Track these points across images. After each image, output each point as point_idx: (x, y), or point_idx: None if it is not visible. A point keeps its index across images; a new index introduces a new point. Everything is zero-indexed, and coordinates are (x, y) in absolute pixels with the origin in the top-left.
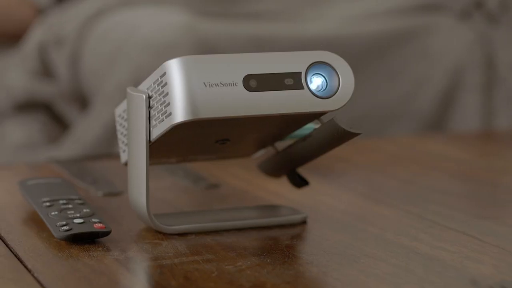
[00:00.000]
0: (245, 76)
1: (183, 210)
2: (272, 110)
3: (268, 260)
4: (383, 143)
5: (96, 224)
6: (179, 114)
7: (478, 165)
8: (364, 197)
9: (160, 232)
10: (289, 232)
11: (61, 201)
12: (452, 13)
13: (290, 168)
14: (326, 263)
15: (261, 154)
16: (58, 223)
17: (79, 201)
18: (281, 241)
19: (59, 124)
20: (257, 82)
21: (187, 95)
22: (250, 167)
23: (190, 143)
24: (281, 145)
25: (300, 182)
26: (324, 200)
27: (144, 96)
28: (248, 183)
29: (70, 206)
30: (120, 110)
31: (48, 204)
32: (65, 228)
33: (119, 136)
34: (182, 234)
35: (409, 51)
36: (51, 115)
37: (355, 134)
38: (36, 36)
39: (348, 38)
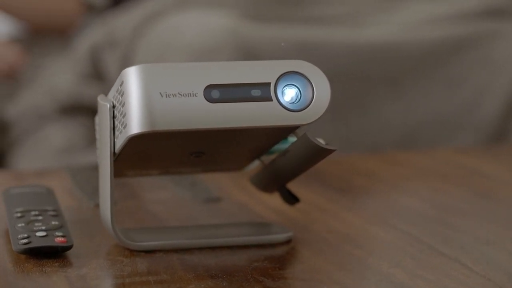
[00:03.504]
0: (207, 86)
1: (166, 225)
2: (236, 123)
3: (224, 284)
4: (416, 157)
5: (58, 238)
6: (134, 126)
7: None
8: (367, 216)
9: (128, 249)
10: (265, 253)
11: (33, 212)
12: None
13: (279, 184)
14: None
15: (253, 167)
16: (19, 236)
17: (52, 213)
18: (251, 262)
19: None
20: (219, 93)
21: (142, 106)
22: None
23: (162, 155)
24: (268, 158)
25: (290, 199)
26: (322, 218)
27: (108, 105)
28: (251, 197)
29: (40, 217)
30: (97, 119)
31: (19, 215)
32: (24, 241)
33: (97, 145)
34: (150, 251)
35: (471, 58)
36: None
37: (330, 151)
38: (90, 38)
39: (406, 44)
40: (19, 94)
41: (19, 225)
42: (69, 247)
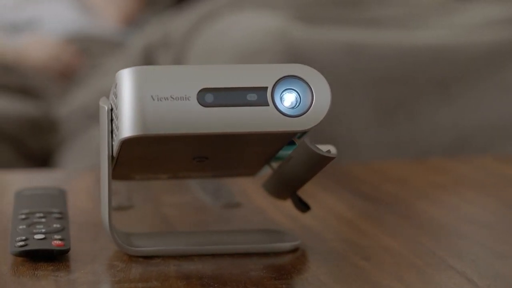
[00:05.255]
0: (200, 90)
1: (176, 230)
2: (230, 128)
3: None
4: (457, 164)
5: (55, 241)
6: (125, 129)
7: None
8: (385, 226)
9: (127, 254)
10: (266, 262)
11: (37, 214)
12: None
13: (288, 190)
14: None
15: (266, 172)
16: (17, 238)
17: (57, 215)
18: (248, 271)
19: None
20: (214, 97)
21: (132, 109)
22: None
23: (165, 159)
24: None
25: (301, 206)
26: (338, 226)
27: (106, 108)
28: (271, 203)
29: (43, 220)
30: None
31: (23, 216)
32: (20, 243)
33: None
34: (149, 257)
35: None
36: None
37: (330, 158)
38: (144, 38)
39: (459, 48)
40: (71, 93)
41: (20, 227)
42: (65, 251)
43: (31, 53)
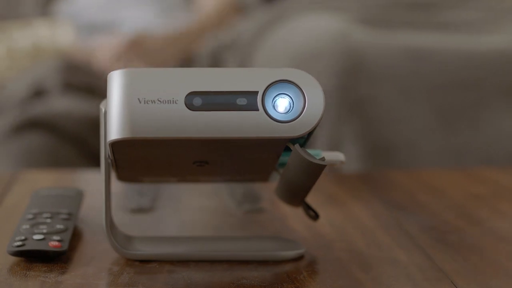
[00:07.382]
0: (189, 93)
1: (187, 235)
2: (218, 133)
3: None
4: (500, 175)
5: (52, 243)
6: (112, 132)
7: None
8: (402, 237)
9: (125, 257)
10: (262, 270)
11: (45, 215)
12: None
13: (296, 198)
14: None
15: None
16: (16, 238)
17: (64, 216)
18: (240, 279)
19: None
20: (202, 101)
21: (119, 112)
22: (316, 192)
23: (164, 162)
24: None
25: (311, 214)
26: (353, 236)
27: (103, 110)
28: (293, 211)
29: (48, 220)
30: None
31: (31, 216)
32: (18, 243)
33: None
34: (146, 261)
35: None
36: None
37: (321, 166)
38: (215, 38)
39: None
40: None
41: (24, 227)
42: (61, 252)
43: (100, 53)
